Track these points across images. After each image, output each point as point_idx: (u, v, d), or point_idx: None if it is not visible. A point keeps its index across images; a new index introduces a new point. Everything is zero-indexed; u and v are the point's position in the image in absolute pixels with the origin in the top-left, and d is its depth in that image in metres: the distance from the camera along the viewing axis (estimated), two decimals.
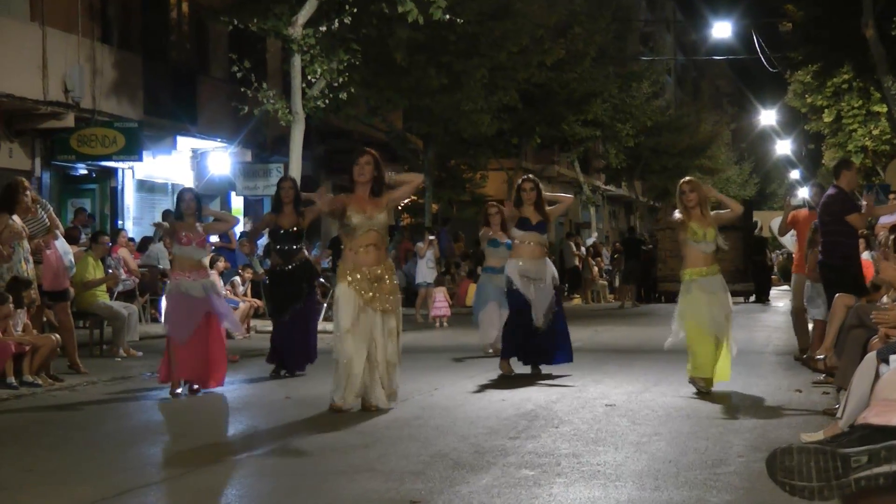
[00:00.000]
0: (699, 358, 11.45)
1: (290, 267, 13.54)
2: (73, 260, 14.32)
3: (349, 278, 10.20)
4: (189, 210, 12.27)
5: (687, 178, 12.34)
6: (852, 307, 10.38)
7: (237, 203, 29.93)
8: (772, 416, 9.88)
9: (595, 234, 44.49)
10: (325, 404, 10.34)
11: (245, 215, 28.51)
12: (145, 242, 22.16)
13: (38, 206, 13.92)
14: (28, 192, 13.64)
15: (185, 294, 11.94)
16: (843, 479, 3.68)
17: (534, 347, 13.23)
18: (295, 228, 13.53)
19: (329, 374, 10.54)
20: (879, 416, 4.10)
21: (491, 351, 15.38)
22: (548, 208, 13.20)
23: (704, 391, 11.36)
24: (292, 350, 13.52)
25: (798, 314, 14.76)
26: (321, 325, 21.78)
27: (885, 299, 10.57)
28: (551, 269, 13.48)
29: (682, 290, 11.71)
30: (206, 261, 12.62)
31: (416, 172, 11.57)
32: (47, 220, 13.84)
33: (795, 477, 3.74)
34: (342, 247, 10.62)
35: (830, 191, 13.19)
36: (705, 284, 11.57)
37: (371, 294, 10.19)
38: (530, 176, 14.00)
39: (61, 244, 13.98)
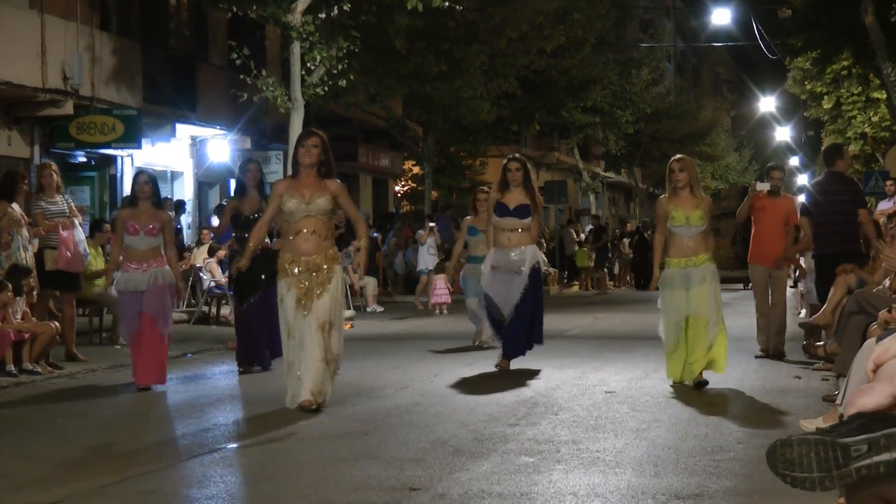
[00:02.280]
0: (669, 360, 10.84)
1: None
2: (87, 249, 14.32)
3: (288, 274, 9.48)
4: (143, 194, 11.61)
5: (678, 155, 11.38)
6: (853, 293, 10.42)
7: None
8: (771, 403, 9.89)
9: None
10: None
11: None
12: None
13: (60, 194, 13.96)
14: (54, 175, 13.71)
15: (132, 291, 11.44)
16: (844, 469, 3.68)
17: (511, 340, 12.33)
18: (257, 214, 12.31)
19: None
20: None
21: (476, 343, 15.20)
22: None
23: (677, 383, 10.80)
24: (256, 344, 12.70)
25: (759, 311, 13.66)
26: None
27: (886, 283, 10.63)
28: (531, 257, 12.32)
29: (662, 283, 10.89)
30: (166, 249, 11.74)
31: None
32: (66, 208, 13.85)
33: (796, 468, 3.75)
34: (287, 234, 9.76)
35: (825, 178, 13.09)
36: (683, 278, 10.70)
37: (304, 284, 9.40)
38: (517, 155, 12.97)
39: (78, 232, 13.98)
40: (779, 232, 13.52)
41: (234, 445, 8.15)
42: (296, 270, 9.45)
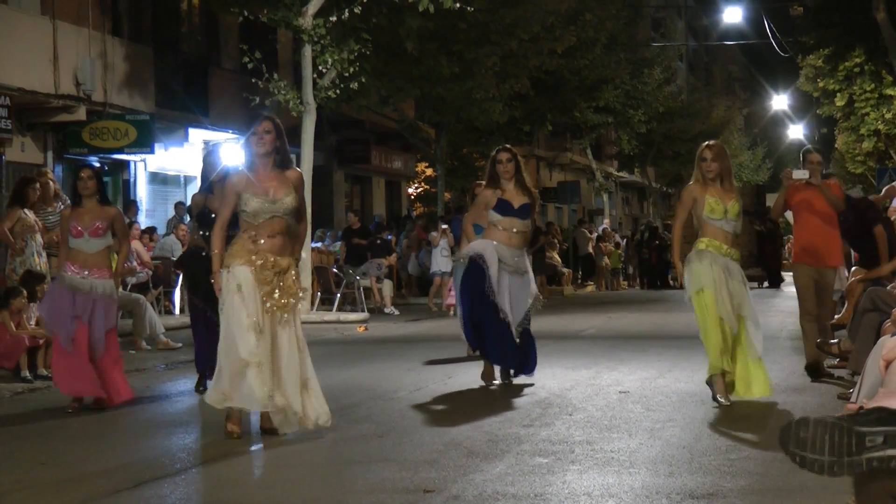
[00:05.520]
0: (710, 343, 9.50)
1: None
2: None
3: (251, 262, 8.26)
4: (87, 191, 10.45)
5: (712, 141, 10.11)
6: (866, 290, 10.42)
7: None
8: (786, 402, 9.86)
9: (607, 221, 44.44)
10: (337, 395, 10.32)
11: None
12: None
13: (59, 200, 13.99)
14: (51, 184, 13.70)
15: (68, 290, 10.33)
16: (856, 457, 3.65)
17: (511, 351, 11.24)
18: None
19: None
20: None
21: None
22: None
23: (724, 401, 9.49)
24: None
25: (809, 314, 11.66)
26: (335, 315, 21.97)
27: None
28: (529, 263, 11.49)
29: (694, 259, 9.61)
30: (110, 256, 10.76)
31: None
32: None
33: (808, 449, 3.70)
34: (242, 231, 8.48)
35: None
36: (723, 264, 9.53)
37: (269, 287, 8.24)
38: (507, 146, 11.65)
39: None
40: (831, 224, 11.44)
41: (249, 449, 8.15)
42: (259, 262, 8.28)
